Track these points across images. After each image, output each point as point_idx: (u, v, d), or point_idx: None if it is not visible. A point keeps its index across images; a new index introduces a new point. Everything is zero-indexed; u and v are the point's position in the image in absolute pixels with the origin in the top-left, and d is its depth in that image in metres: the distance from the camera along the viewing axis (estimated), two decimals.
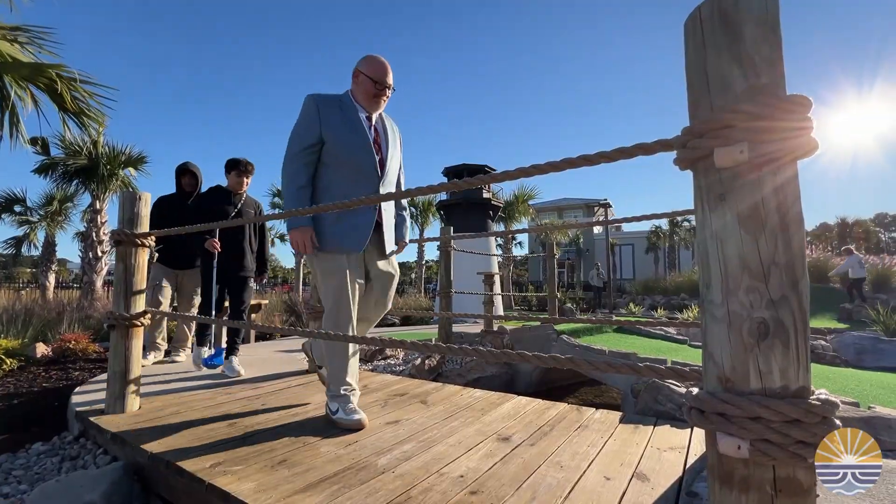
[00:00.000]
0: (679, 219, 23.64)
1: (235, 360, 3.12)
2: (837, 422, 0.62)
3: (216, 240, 3.14)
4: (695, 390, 0.70)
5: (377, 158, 2.02)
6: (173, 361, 3.52)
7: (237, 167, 3.28)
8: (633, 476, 1.50)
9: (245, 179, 3.31)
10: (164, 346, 3.70)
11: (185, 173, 3.69)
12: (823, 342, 4.62)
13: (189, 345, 3.65)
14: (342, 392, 2.00)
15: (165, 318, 3.61)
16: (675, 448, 1.75)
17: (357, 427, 1.91)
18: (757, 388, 0.62)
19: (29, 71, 4.41)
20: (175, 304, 3.86)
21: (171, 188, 3.77)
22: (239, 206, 3.30)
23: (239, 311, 3.26)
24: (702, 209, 0.70)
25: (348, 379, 2.00)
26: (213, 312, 3.16)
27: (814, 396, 0.62)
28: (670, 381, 2.40)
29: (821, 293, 12.22)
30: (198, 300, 3.54)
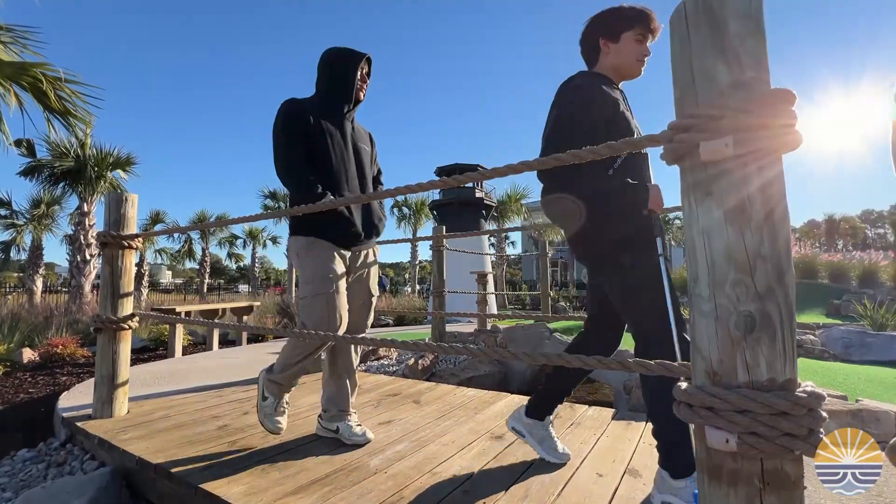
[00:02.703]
0: (670, 216, 23.82)
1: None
2: (824, 413, 0.62)
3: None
4: (684, 385, 0.70)
5: None
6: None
7: (645, 20, 1.43)
8: (625, 472, 1.50)
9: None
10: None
11: (365, 64, 1.85)
12: (812, 337, 4.66)
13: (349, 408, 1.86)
14: None
15: (359, 353, 1.97)
16: None
17: None
18: (744, 381, 0.63)
19: (12, 70, 4.33)
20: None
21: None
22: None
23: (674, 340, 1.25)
24: (688, 204, 0.70)
25: None
26: (677, 345, 1.19)
27: (800, 389, 0.62)
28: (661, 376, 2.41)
29: (809, 288, 12.39)
30: (372, 312, 1.94)
